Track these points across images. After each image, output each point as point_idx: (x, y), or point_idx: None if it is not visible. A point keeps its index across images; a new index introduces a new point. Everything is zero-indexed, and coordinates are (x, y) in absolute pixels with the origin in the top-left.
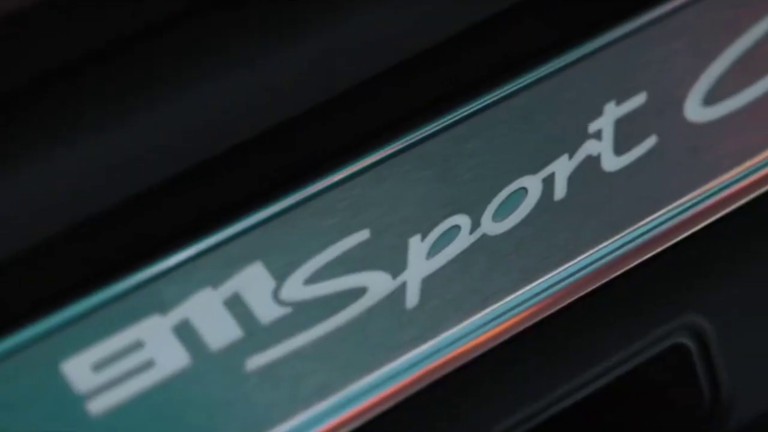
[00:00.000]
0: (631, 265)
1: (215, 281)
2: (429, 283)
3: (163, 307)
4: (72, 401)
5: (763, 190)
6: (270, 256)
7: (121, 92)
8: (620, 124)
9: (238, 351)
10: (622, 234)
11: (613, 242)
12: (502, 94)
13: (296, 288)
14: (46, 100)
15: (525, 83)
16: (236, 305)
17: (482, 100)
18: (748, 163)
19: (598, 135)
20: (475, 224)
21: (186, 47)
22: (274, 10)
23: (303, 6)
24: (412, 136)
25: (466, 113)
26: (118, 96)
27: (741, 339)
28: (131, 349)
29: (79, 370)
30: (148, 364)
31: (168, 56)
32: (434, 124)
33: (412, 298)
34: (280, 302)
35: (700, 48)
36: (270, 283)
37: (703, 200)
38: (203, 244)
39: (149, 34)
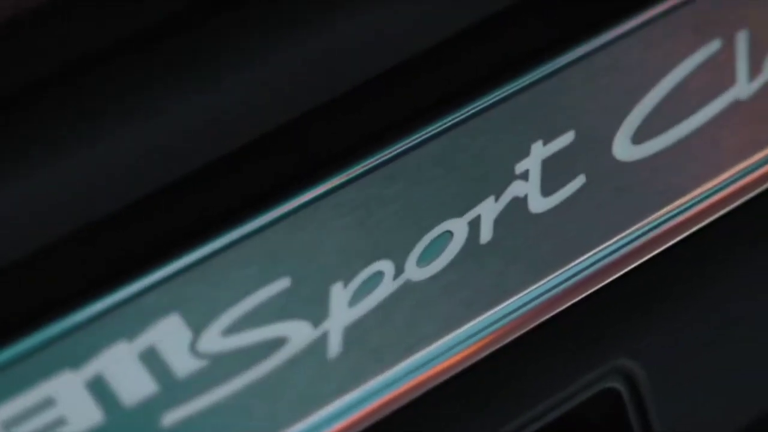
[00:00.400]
0: (560, 309)
1: (130, 334)
2: (352, 331)
3: (75, 362)
4: None
5: (691, 230)
6: (187, 307)
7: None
8: (547, 164)
9: (153, 406)
10: (550, 277)
11: (540, 286)
12: (425, 136)
13: (214, 340)
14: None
15: (448, 124)
16: (152, 359)
17: (404, 143)
18: (678, 203)
19: (525, 176)
20: (399, 270)
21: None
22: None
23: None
24: (331, 181)
25: (387, 157)
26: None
27: (672, 382)
28: (42, 407)
29: None
30: (59, 422)
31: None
32: (355, 168)
33: (334, 348)
34: (198, 355)
35: (628, 86)
36: (187, 335)
37: (631, 241)
38: (117, 295)
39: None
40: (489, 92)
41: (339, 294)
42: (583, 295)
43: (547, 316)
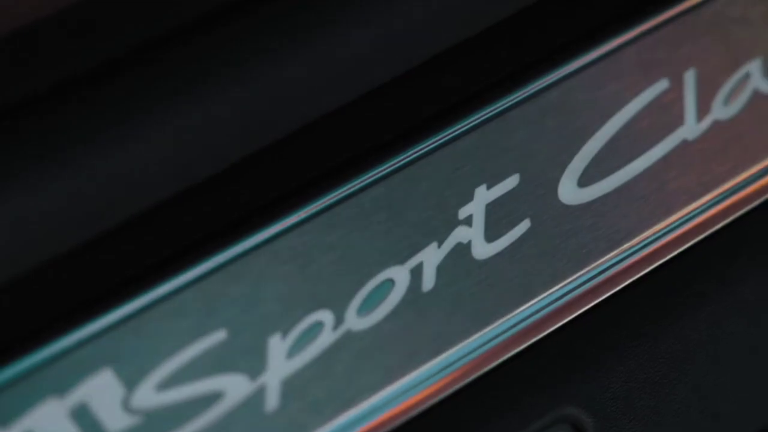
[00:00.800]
0: (505, 358)
1: (60, 390)
2: (290, 384)
3: (3, 421)
4: None
5: (638, 275)
6: (120, 361)
7: None
8: (492, 208)
9: None
10: (495, 325)
11: (484, 334)
12: (366, 182)
13: (148, 395)
14: None
15: (389, 169)
16: (83, 416)
17: (344, 189)
18: (625, 246)
19: (468, 221)
20: (339, 320)
21: None
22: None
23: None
24: (269, 229)
25: (327, 203)
26: None
27: (619, 430)
28: None
29: None
30: None
31: None
32: (293, 216)
33: (271, 402)
34: (131, 411)
35: (574, 127)
36: (120, 390)
37: (578, 287)
38: (47, 350)
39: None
40: (431, 135)
41: (277, 345)
42: (528, 343)
43: (492, 365)
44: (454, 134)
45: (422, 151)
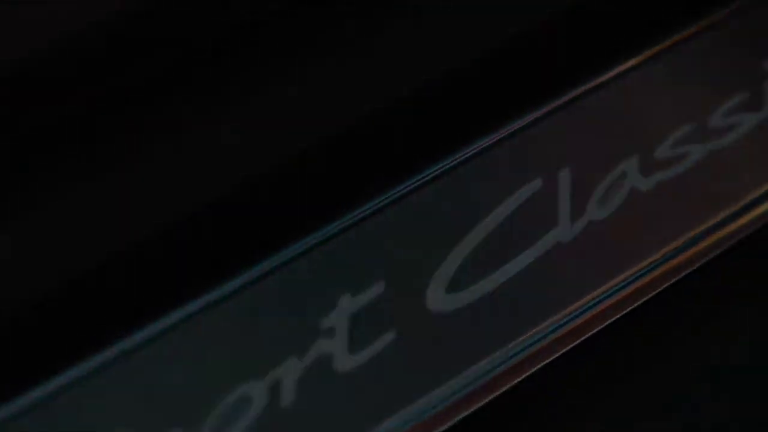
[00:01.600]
0: None
1: None
2: None
3: None
4: None
5: (510, 384)
6: None
7: None
8: (355, 318)
9: None
10: None
11: None
12: (220, 294)
13: None
14: None
15: (247, 279)
16: None
17: (199, 301)
18: (495, 354)
19: (330, 332)
20: None
21: None
22: None
23: None
24: (116, 345)
25: (179, 317)
26: None
27: None
28: None
29: None
30: None
31: None
32: (143, 332)
33: None
34: None
35: (442, 231)
36: None
37: (445, 399)
38: None
39: None
40: (292, 242)
41: None
42: None
43: None
44: (315, 241)
45: (282, 260)
